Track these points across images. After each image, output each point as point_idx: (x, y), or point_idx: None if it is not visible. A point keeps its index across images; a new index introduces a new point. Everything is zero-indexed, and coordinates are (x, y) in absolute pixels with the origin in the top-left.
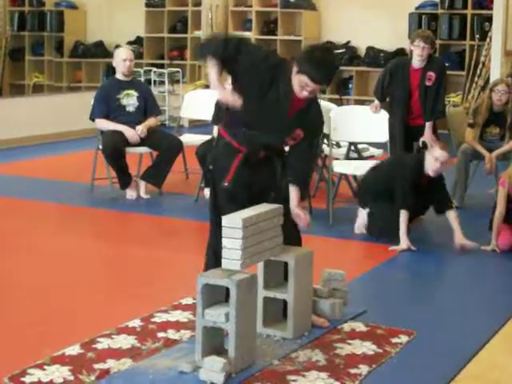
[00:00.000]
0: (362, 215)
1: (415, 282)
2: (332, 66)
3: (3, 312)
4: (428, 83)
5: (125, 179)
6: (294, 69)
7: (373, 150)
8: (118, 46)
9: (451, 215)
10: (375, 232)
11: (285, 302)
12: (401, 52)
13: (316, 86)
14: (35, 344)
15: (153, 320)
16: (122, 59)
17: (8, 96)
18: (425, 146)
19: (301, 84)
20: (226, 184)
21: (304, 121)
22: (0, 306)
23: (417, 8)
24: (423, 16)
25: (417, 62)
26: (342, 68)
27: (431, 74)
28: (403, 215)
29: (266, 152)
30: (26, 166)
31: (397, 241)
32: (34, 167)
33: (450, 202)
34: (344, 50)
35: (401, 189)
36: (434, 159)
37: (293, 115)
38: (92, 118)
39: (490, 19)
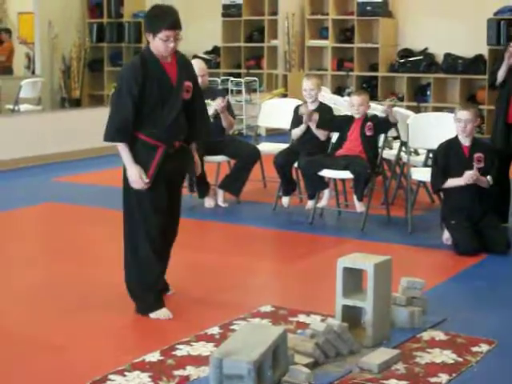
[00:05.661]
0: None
1: (496, 290)
2: (171, 8)
3: (86, 318)
4: None
5: (203, 188)
6: (149, 38)
7: None
8: (195, 57)
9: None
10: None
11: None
12: (479, 58)
13: (174, 32)
14: (116, 350)
15: (231, 327)
16: None
17: (87, 106)
18: None
19: (162, 39)
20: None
21: (184, 71)
22: (82, 313)
23: (495, 14)
24: (502, 22)
25: None
26: (419, 75)
27: None
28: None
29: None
30: (109, 175)
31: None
32: (116, 176)
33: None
34: (422, 57)
35: (431, 175)
36: (457, 122)
37: (175, 78)
38: None
39: None
